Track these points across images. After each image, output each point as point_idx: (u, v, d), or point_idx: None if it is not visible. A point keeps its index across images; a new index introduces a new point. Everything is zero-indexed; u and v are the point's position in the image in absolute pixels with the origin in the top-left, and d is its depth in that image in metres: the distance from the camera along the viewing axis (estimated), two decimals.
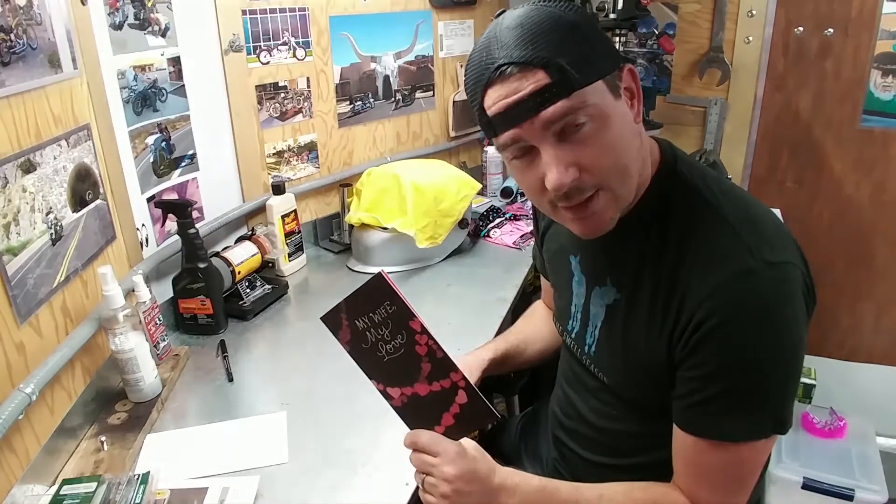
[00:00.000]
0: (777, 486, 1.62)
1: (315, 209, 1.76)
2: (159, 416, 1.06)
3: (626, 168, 0.70)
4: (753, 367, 0.67)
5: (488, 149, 2.07)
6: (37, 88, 0.90)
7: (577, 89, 0.64)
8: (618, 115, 0.68)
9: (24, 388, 0.81)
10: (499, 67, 0.65)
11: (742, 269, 0.66)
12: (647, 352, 0.75)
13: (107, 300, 1.00)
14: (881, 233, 1.78)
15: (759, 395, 0.68)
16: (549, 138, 0.66)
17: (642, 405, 0.80)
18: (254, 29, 1.49)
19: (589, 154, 0.67)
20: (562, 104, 0.64)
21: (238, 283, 1.40)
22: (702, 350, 0.68)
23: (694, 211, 0.73)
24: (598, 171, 0.67)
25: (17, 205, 0.85)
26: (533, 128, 0.66)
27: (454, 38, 1.99)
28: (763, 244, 0.68)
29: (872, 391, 1.88)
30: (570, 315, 0.90)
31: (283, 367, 1.22)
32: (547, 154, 0.67)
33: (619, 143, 0.68)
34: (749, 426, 0.69)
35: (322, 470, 0.92)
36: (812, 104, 1.78)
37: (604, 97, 0.66)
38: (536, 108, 0.64)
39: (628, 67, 0.70)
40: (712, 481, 0.73)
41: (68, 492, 0.83)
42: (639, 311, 0.76)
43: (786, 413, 0.70)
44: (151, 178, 1.28)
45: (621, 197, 0.71)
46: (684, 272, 0.70)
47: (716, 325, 0.66)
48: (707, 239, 0.70)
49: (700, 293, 0.68)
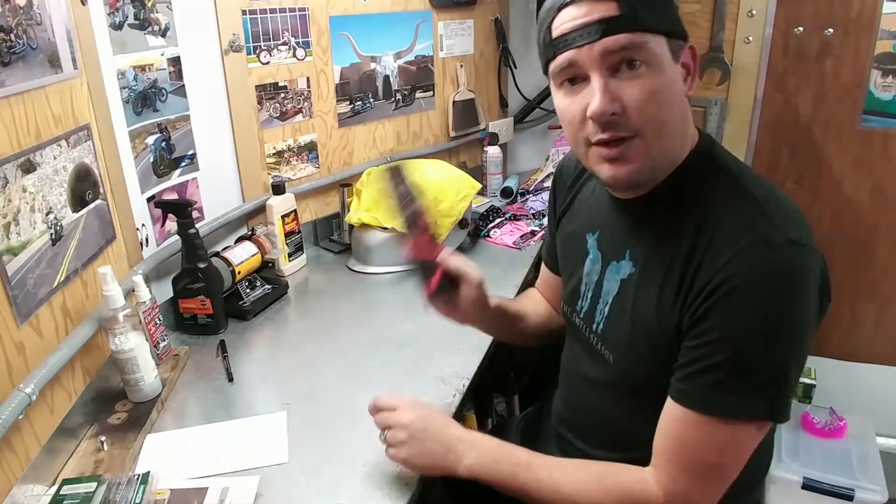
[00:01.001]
0: (777, 486, 1.62)
1: (315, 209, 1.76)
2: (159, 416, 1.06)
3: (667, 124, 0.71)
4: (758, 338, 0.66)
5: (488, 149, 2.07)
6: (37, 88, 0.90)
7: (642, 30, 0.67)
8: (672, 75, 0.71)
9: (24, 388, 0.81)
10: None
11: (763, 239, 0.66)
12: (655, 324, 0.75)
13: (107, 300, 1.00)
14: (881, 233, 1.78)
15: (759, 372, 0.67)
16: (602, 68, 0.69)
17: (645, 389, 0.79)
18: (254, 29, 1.49)
19: (636, 95, 0.69)
20: (624, 37, 0.67)
21: (238, 283, 1.40)
22: (710, 316, 0.68)
23: (722, 188, 0.73)
24: (640, 114, 0.69)
25: (17, 205, 0.85)
26: (591, 54, 0.68)
27: (454, 38, 1.99)
28: (788, 224, 0.68)
29: (872, 391, 1.88)
30: (580, 295, 0.90)
31: (283, 367, 1.22)
32: (596, 82, 0.69)
33: (666, 97, 0.70)
34: (742, 403, 0.68)
35: (322, 470, 0.92)
36: (812, 104, 1.78)
37: (664, 51, 0.70)
38: (600, 34, 0.67)
39: (691, 46, 0.74)
40: (689, 461, 0.72)
41: (68, 492, 0.83)
42: (652, 282, 0.76)
43: (783, 399, 0.69)
44: (151, 178, 1.28)
45: (655, 152, 0.72)
46: (704, 241, 0.70)
47: (728, 290, 0.66)
48: (731, 211, 0.70)
49: (717, 260, 0.68)
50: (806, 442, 1.71)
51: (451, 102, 2.03)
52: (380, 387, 1.09)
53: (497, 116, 2.24)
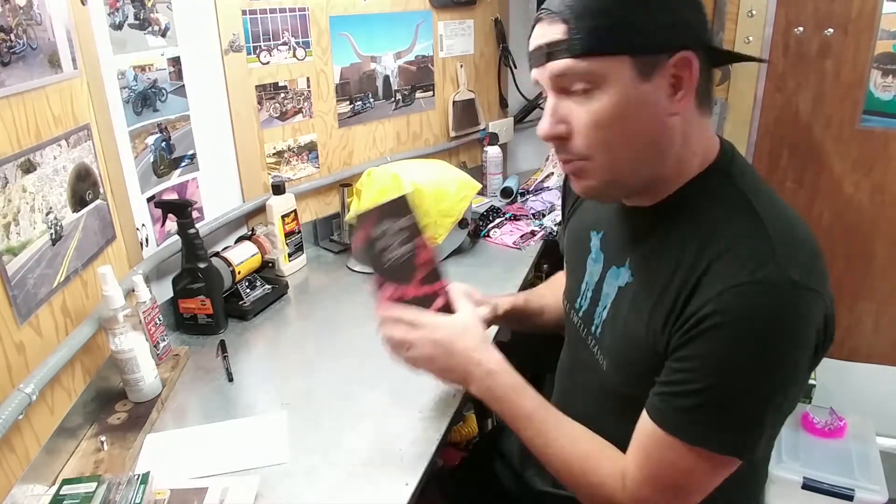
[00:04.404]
0: (777, 486, 1.62)
1: (315, 209, 1.76)
2: (159, 416, 1.06)
3: (622, 147, 0.70)
4: (738, 376, 0.65)
5: (488, 149, 2.07)
6: (37, 88, 0.90)
7: (588, 55, 0.66)
8: (635, 98, 0.67)
9: (24, 388, 0.81)
10: (541, 10, 0.70)
11: (763, 278, 0.63)
12: (644, 337, 0.74)
13: (107, 300, 1.00)
14: (881, 233, 1.78)
15: (733, 409, 0.66)
16: (553, 89, 0.71)
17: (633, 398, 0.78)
18: (254, 29, 1.49)
19: (583, 119, 0.69)
20: (566, 63, 0.67)
21: (238, 283, 1.40)
22: (693, 344, 0.67)
23: (733, 212, 0.70)
24: (585, 139, 0.69)
25: (17, 205, 0.85)
26: (542, 74, 0.71)
27: (454, 38, 1.99)
28: (795, 264, 0.64)
29: (872, 391, 1.88)
30: (580, 293, 0.90)
31: (283, 367, 1.22)
32: (547, 102, 0.72)
33: (617, 121, 0.67)
34: (709, 434, 0.67)
35: (322, 470, 0.92)
36: (812, 104, 1.78)
37: (625, 76, 0.66)
38: (545, 58, 0.69)
39: (682, 56, 0.66)
40: (653, 473, 0.72)
41: (68, 492, 0.83)
42: (647, 296, 0.74)
43: (750, 440, 0.67)
44: (151, 178, 1.28)
45: (613, 172, 0.72)
46: (703, 265, 0.68)
47: (716, 324, 0.64)
48: (738, 238, 0.67)
49: (713, 288, 0.65)
50: (806, 442, 1.71)
51: (451, 102, 2.03)
52: (380, 387, 1.09)
53: (497, 116, 2.24)
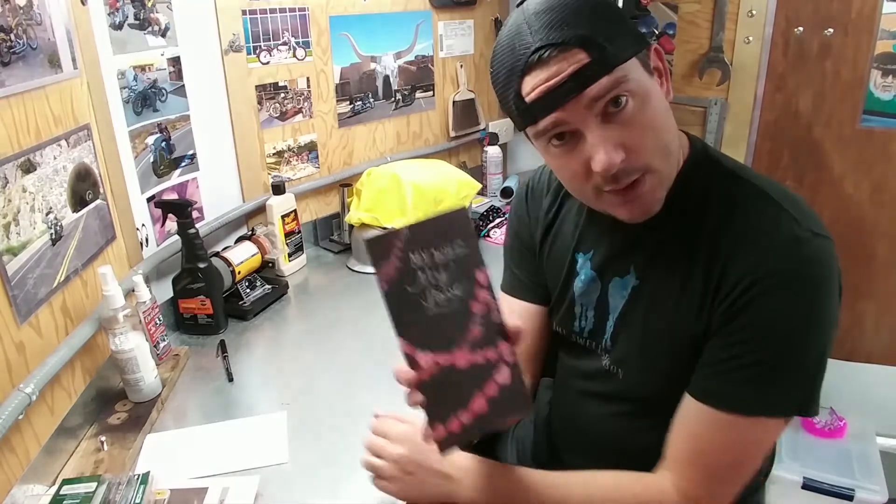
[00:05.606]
0: (777, 487, 1.62)
1: (315, 209, 1.76)
2: (159, 416, 1.06)
3: (668, 147, 0.70)
4: (794, 335, 0.66)
5: (488, 149, 2.07)
6: (37, 88, 0.90)
7: (617, 65, 0.64)
8: (655, 93, 0.69)
9: (24, 388, 0.81)
10: (536, 51, 0.64)
11: (793, 236, 0.66)
12: (672, 334, 0.73)
13: (107, 300, 1.00)
14: (881, 232, 1.78)
15: (795, 368, 0.67)
16: (593, 119, 0.65)
17: (654, 402, 0.77)
18: (254, 29, 1.49)
19: (634, 135, 0.66)
20: (606, 80, 0.64)
21: (238, 283, 1.40)
22: (743, 315, 0.67)
23: (732, 189, 0.72)
24: (643, 151, 0.67)
25: (17, 205, 0.85)
26: (577, 109, 0.65)
27: (454, 38, 1.99)
28: (807, 217, 0.69)
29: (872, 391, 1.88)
30: (576, 317, 0.87)
31: (283, 367, 1.22)
32: (593, 135, 0.66)
33: (659, 121, 0.69)
34: (776, 399, 0.67)
35: (322, 470, 0.92)
36: (812, 104, 1.78)
37: (640, 74, 0.67)
38: (580, 87, 0.64)
39: (654, 47, 0.71)
40: (708, 461, 0.71)
41: (68, 492, 0.83)
42: (667, 294, 0.74)
43: (815, 392, 0.69)
44: (151, 178, 1.28)
45: (666, 177, 0.71)
46: (726, 243, 0.69)
47: (764, 289, 0.66)
48: (750, 211, 0.70)
49: (747, 260, 0.67)
50: (806, 442, 1.71)
51: (450, 102, 2.03)
52: (379, 387, 1.09)
53: (497, 116, 2.23)
